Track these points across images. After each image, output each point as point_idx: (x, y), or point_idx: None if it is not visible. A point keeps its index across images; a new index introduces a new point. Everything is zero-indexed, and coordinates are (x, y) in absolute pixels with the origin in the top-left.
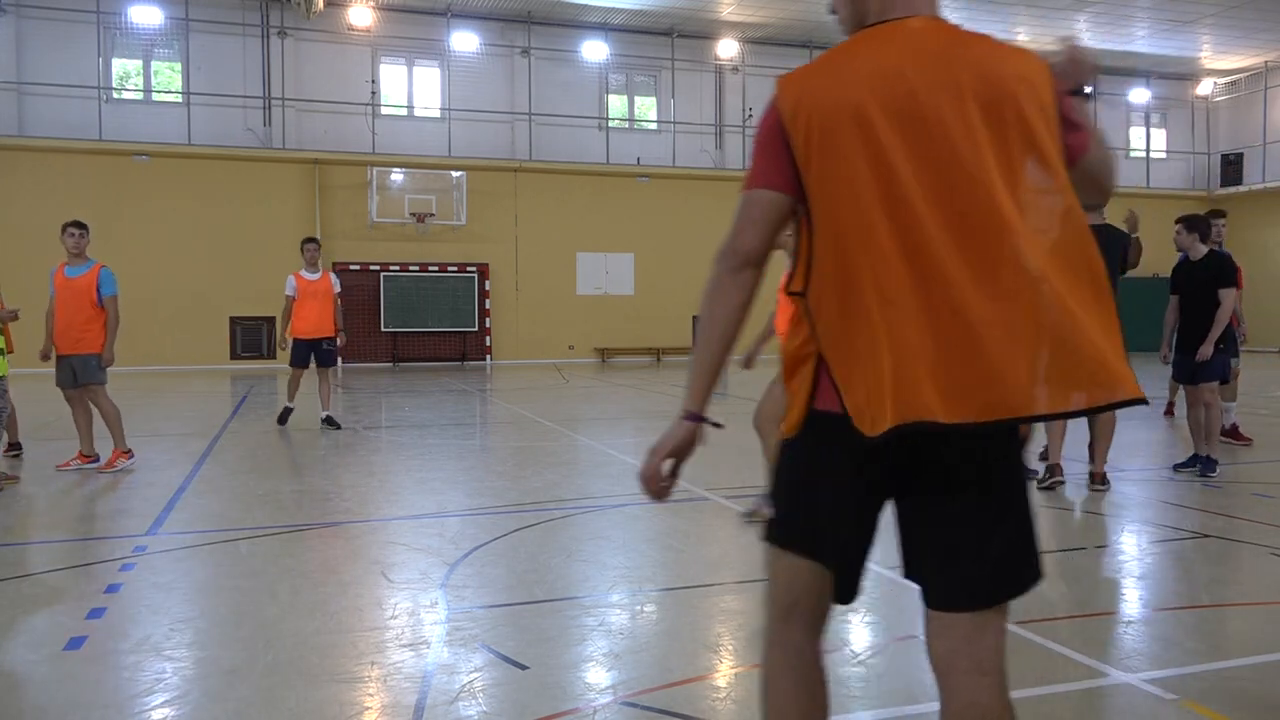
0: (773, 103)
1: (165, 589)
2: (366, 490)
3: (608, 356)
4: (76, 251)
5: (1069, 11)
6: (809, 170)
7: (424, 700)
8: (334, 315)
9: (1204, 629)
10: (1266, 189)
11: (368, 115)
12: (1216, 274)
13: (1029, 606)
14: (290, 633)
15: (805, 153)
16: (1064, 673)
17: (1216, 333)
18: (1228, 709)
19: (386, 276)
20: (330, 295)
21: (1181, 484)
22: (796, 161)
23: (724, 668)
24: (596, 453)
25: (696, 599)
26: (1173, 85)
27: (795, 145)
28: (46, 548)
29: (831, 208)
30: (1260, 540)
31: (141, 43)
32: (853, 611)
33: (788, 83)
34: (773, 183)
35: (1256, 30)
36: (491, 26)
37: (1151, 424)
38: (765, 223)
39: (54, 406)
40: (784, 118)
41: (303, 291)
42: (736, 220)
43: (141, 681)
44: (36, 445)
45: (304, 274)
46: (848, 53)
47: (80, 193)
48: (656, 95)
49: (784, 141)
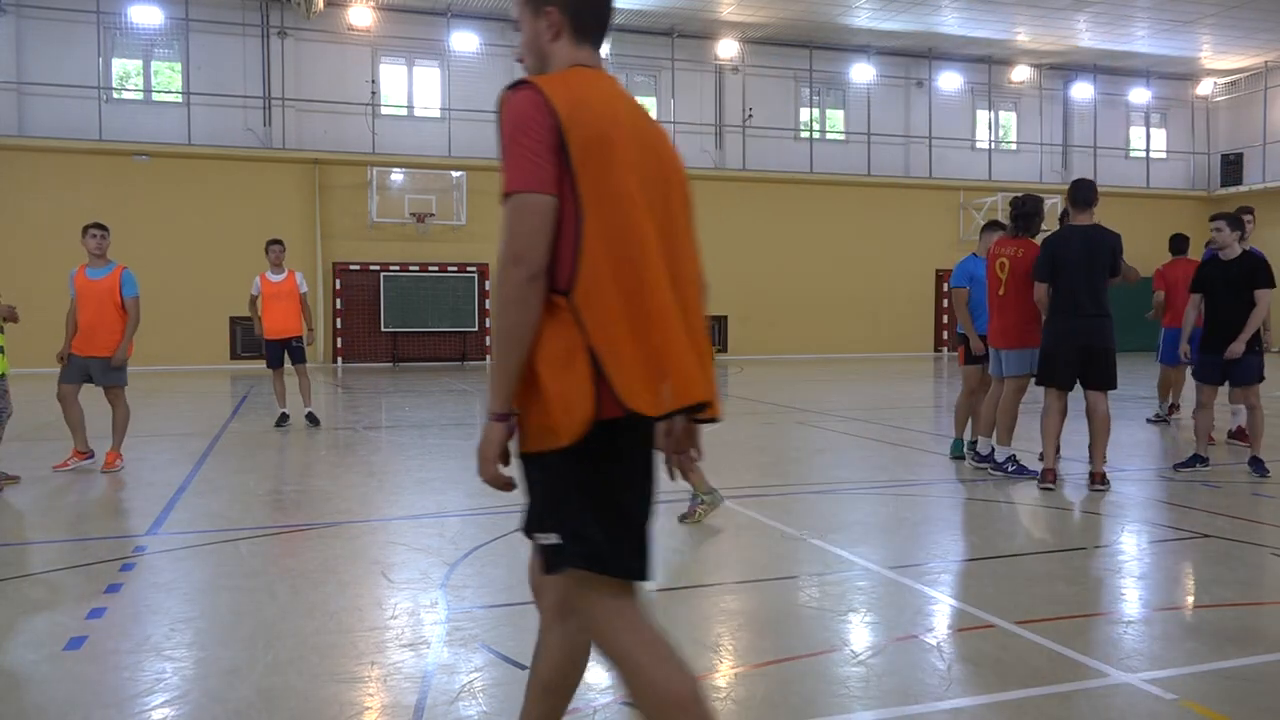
0: (544, 104)
1: (165, 589)
2: (366, 490)
3: None
4: (99, 253)
5: (1069, 11)
6: (584, 176)
7: (424, 700)
8: (300, 314)
9: (1204, 629)
10: (1266, 189)
11: (368, 115)
12: (1251, 274)
13: (1029, 606)
14: (290, 633)
15: (583, 159)
16: (1064, 673)
17: (1249, 333)
18: (1228, 709)
19: (386, 276)
20: (296, 295)
21: (1181, 484)
22: (572, 166)
23: (724, 668)
24: None
25: (696, 599)
26: (1173, 85)
27: (572, 151)
28: (46, 548)
29: (606, 213)
30: (1260, 540)
31: (141, 43)
32: (852, 611)
33: (554, 88)
34: (549, 188)
35: (1256, 30)
36: (491, 26)
37: (1152, 424)
38: (547, 230)
39: (54, 407)
40: (562, 122)
41: (268, 293)
42: (517, 227)
43: (141, 681)
44: (36, 445)
45: (269, 275)
46: (582, 79)
47: (80, 193)
48: (656, 95)
49: (560, 145)
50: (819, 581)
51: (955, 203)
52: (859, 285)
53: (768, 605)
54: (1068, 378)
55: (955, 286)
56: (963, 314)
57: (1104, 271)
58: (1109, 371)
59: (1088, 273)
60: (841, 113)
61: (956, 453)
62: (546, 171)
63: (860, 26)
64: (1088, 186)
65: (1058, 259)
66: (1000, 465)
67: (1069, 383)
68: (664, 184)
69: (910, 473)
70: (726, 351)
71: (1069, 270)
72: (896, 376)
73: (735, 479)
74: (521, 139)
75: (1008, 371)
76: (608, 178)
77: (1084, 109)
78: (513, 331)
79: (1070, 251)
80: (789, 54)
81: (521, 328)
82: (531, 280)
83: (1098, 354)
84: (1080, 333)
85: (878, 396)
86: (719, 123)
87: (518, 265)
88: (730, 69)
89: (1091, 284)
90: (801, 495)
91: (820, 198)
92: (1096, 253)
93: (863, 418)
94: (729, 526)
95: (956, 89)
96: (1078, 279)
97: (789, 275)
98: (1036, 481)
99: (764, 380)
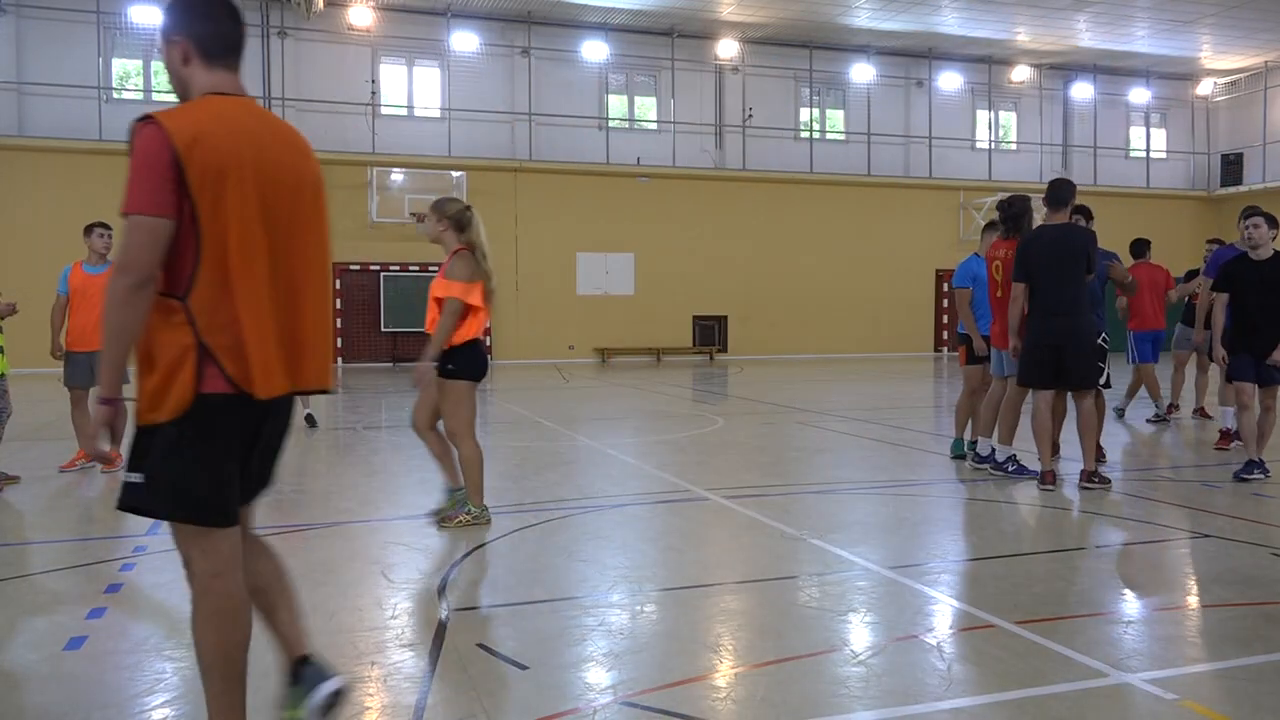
0: (165, 140)
1: (165, 589)
2: (366, 490)
3: (608, 356)
4: (104, 252)
5: (1069, 11)
6: (201, 201)
7: (424, 700)
8: None
9: (1204, 629)
10: (1266, 189)
11: (368, 115)
12: None
13: (1029, 606)
14: None
15: (200, 186)
16: (1064, 673)
17: None
18: (1228, 709)
19: (386, 276)
20: None
21: (1181, 484)
22: (190, 193)
23: (724, 668)
24: (596, 453)
25: (696, 599)
26: (1173, 85)
27: (190, 180)
28: (46, 548)
29: (219, 231)
30: (1260, 540)
31: (141, 43)
32: (852, 611)
33: (175, 120)
34: (166, 211)
35: (1256, 30)
36: (491, 26)
37: (1152, 424)
38: (155, 246)
39: (54, 406)
40: (179, 151)
41: None
42: (129, 242)
43: (141, 681)
44: (36, 445)
45: None
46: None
47: (80, 193)
48: (656, 95)
49: (178, 172)
50: (819, 581)
51: (955, 203)
52: (859, 285)
53: (768, 605)
54: (1041, 377)
55: (958, 287)
56: (965, 314)
57: (1077, 271)
58: (1084, 371)
59: (1058, 273)
60: (841, 113)
61: (957, 452)
62: (163, 197)
63: (860, 26)
64: (1062, 186)
65: (1030, 260)
66: (1000, 465)
67: (1044, 382)
68: (291, 195)
69: (910, 473)
70: (727, 351)
71: (1040, 270)
72: (896, 376)
73: (735, 479)
74: (143, 169)
75: (1009, 371)
76: (222, 202)
77: (1084, 109)
78: (119, 329)
79: (1040, 252)
80: (789, 54)
81: (126, 326)
82: (137, 287)
83: (1070, 354)
84: (1053, 332)
85: (878, 396)
86: (719, 123)
87: (125, 274)
88: (730, 69)
89: (1061, 284)
90: (801, 495)
91: (820, 198)
92: (1066, 252)
93: (863, 418)
94: (729, 526)
95: (956, 89)
96: (1049, 278)
97: (789, 275)
98: (1036, 482)
99: (764, 380)
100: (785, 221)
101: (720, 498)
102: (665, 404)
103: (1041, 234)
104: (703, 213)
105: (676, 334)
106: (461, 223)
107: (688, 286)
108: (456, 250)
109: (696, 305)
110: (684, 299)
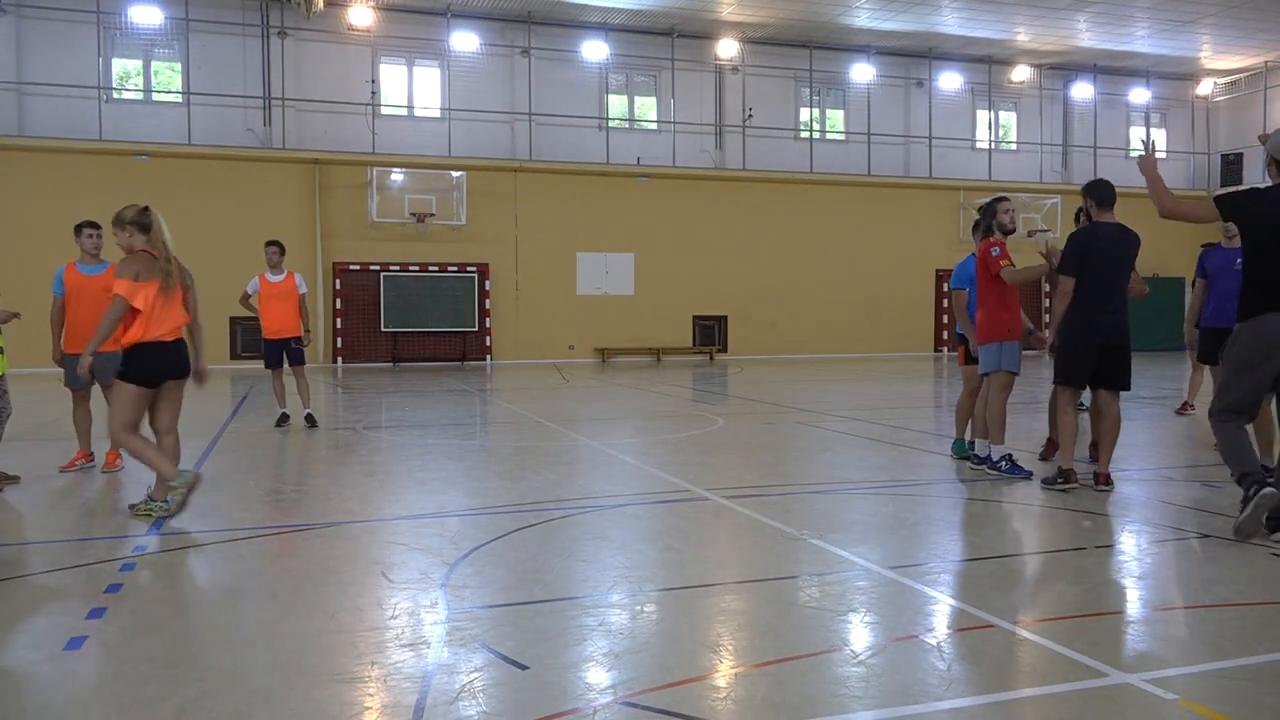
0: None
1: (165, 588)
2: (366, 490)
3: (608, 356)
4: (94, 252)
5: (1069, 11)
6: None
7: (424, 700)
8: (298, 315)
9: (1204, 629)
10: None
11: (368, 115)
12: None
13: (1029, 606)
14: (290, 633)
15: None
16: (1064, 673)
17: None
18: (1228, 709)
19: (386, 276)
20: (295, 295)
21: (1181, 484)
22: None
23: (724, 668)
24: (596, 453)
25: (696, 599)
26: (1173, 85)
27: None
28: (46, 548)
29: None
30: (1260, 540)
31: (141, 43)
32: (852, 611)
33: None
34: None
35: (1256, 30)
36: (491, 26)
37: (1153, 424)
38: None
39: (54, 407)
40: None
41: (267, 293)
42: None
43: (141, 682)
44: (36, 445)
45: (268, 276)
46: None
47: (80, 193)
48: (656, 95)
49: None
50: (819, 581)
51: (955, 203)
52: (859, 285)
53: (768, 605)
54: (1083, 375)
55: (955, 288)
56: (962, 315)
57: (1129, 271)
58: (1124, 371)
59: (1115, 270)
60: (841, 113)
61: (958, 452)
62: None
63: (860, 26)
64: (1110, 186)
65: (1087, 255)
66: (995, 464)
67: (1085, 381)
68: None
69: (910, 473)
70: (726, 351)
71: (1098, 266)
72: (896, 376)
73: (735, 479)
74: None
75: (1006, 366)
76: None
77: (1084, 109)
78: None
79: (1101, 249)
80: (789, 54)
81: None
82: None
83: (1116, 351)
84: (1105, 330)
85: (878, 396)
86: (719, 123)
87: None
88: (730, 69)
89: (1118, 281)
90: (801, 495)
91: (820, 198)
92: (1124, 251)
93: (863, 418)
94: (729, 526)
95: (956, 89)
96: (1106, 275)
97: (789, 275)
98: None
99: (764, 380)
100: (785, 221)
101: (720, 498)
102: (665, 404)
103: (1099, 231)
104: (703, 213)
105: (676, 334)
106: (144, 225)
107: (688, 286)
108: (140, 251)
109: (696, 305)
110: (684, 299)
